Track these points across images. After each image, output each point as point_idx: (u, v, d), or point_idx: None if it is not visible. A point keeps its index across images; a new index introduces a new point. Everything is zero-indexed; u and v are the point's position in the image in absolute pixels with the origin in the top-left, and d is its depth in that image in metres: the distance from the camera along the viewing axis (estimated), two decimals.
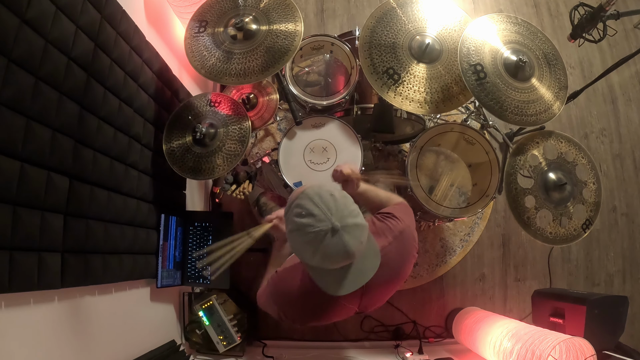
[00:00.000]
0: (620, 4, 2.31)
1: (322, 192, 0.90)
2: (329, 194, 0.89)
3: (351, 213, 0.89)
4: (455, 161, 1.81)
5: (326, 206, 0.87)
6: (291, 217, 0.91)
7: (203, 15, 1.53)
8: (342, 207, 0.88)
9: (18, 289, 0.85)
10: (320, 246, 0.86)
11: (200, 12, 1.54)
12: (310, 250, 0.88)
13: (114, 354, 1.24)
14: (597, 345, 1.42)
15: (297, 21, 1.45)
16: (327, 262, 0.89)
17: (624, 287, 2.32)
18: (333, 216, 0.86)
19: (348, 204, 0.90)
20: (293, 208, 0.91)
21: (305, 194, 0.90)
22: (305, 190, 0.92)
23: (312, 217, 0.86)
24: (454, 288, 2.25)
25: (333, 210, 0.87)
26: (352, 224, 0.87)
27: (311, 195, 0.89)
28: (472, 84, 1.38)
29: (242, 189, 1.65)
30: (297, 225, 0.88)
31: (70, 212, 1.02)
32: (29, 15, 0.86)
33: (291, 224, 0.91)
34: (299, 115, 1.59)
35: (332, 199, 0.88)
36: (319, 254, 0.88)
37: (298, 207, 0.90)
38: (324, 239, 0.86)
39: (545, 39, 1.52)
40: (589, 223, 1.59)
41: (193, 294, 1.81)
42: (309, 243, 0.87)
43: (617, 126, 2.47)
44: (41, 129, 0.92)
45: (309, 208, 0.87)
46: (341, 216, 0.86)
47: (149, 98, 1.46)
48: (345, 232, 0.86)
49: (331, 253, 0.87)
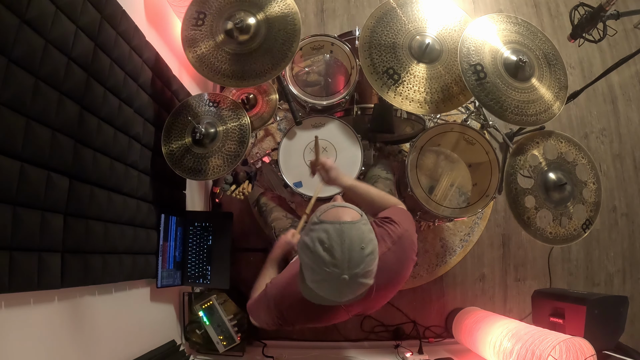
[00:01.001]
0: (620, 4, 2.30)
1: (355, 239, 0.87)
2: (360, 245, 0.87)
3: (366, 273, 0.88)
4: (455, 161, 1.81)
5: (349, 257, 0.85)
6: (314, 235, 0.89)
7: (200, 7, 1.50)
8: (363, 266, 0.87)
9: (18, 289, 0.85)
10: (320, 280, 0.89)
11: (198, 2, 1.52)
12: (311, 274, 0.91)
13: (114, 354, 1.24)
14: (597, 345, 1.42)
15: (296, 22, 1.45)
16: (318, 290, 0.93)
17: (624, 287, 2.32)
18: (348, 269, 0.85)
19: (370, 263, 0.89)
20: (321, 230, 0.88)
21: (341, 228, 0.87)
22: (343, 224, 0.88)
23: (332, 257, 0.85)
24: (454, 288, 2.25)
25: (353, 264, 0.85)
26: (360, 282, 0.88)
27: (344, 236, 0.86)
28: (472, 84, 1.38)
29: (242, 189, 1.65)
30: (314, 249, 0.88)
31: (70, 212, 1.02)
32: (29, 15, 0.86)
33: (310, 240, 0.90)
34: (299, 115, 1.59)
35: (360, 254, 0.86)
36: (315, 282, 0.91)
37: (325, 234, 0.87)
38: (328, 279, 0.87)
39: (545, 39, 1.52)
40: (589, 223, 1.59)
41: (193, 294, 1.81)
42: (314, 270, 0.89)
43: (617, 126, 2.47)
44: (41, 129, 0.92)
45: (334, 247, 0.85)
46: (355, 273, 0.86)
47: (149, 98, 1.46)
48: (347, 286, 0.87)
49: (326, 290, 0.91)
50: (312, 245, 0.88)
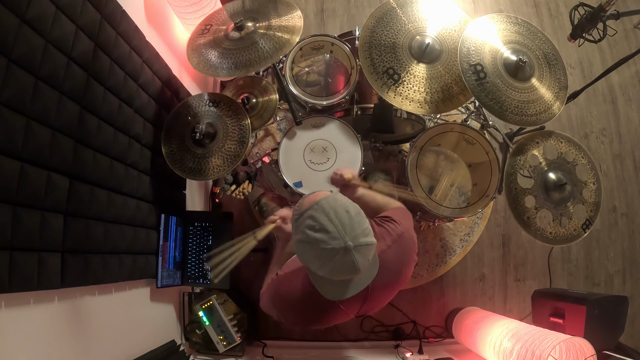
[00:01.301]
0: (620, 4, 2.30)
1: (338, 207, 0.87)
2: (344, 210, 0.87)
3: (364, 232, 0.88)
4: (455, 161, 1.81)
5: (341, 223, 0.85)
6: (302, 227, 0.89)
7: (209, 21, 1.54)
8: (357, 226, 0.87)
9: (18, 289, 0.85)
10: (330, 262, 0.87)
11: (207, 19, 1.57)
12: (319, 263, 0.89)
13: (114, 354, 1.24)
14: (597, 345, 1.42)
15: (297, 19, 1.46)
16: (334, 275, 0.90)
17: (624, 287, 2.32)
18: (347, 235, 0.85)
19: (362, 222, 0.89)
20: (305, 218, 0.89)
21: (320, 206, 0.88)
22: (320, 201, 0.89)
23: (326, 233, 0.85)
24: (454, 288, 2.25)
25: (348, 228, 0.85)
26: (364, 243, 0.87)
27: (326, 209, 0.87)
28: (472, 84, 1.38)
29: (242, 189, 1.65)
30: (308, 238, 0.87)
31: (70, 212, 1.02)
32: (29, 15, 0.86)
33: (301, 234, 0.89)
34: (299, 115, 1.59)
35: (348, 216, 0.87)
36: (327, 268, 0.89)
37: (311, 220, 0.87)
38: (335, 256, 0.86)
39: (545, 39, 1.52)
40: (589, 223, 1.59)
41: (193, 294, 1.81)
42: (319, 257, 0.88)
43: (617, 126, 2.47)
44: (41, 129, 0.92)
45: (323, 223, 0.86)
46: (355, 235, 0.85)
47: (149, 98, 1.46)
48: (356, 251, 0.86)
49: (340, 269, 0.88)
50: (305, 236, 0.88)
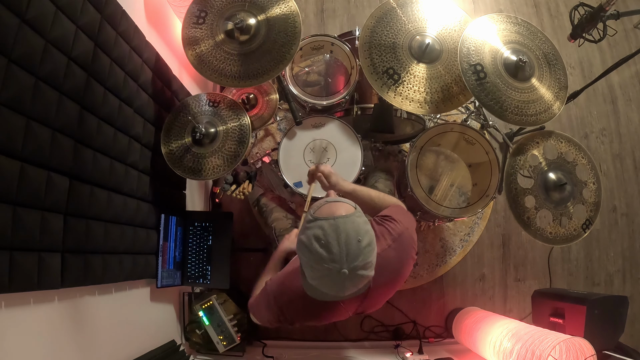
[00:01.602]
0: (620, 4, 2.30)
1: (351, 232, 0.87)
2: (356, 238, 0.87)
3: (365, 265, 0.88)
4: (455, 161, 1.81)
5: (347, 251, 0.85)
6: (310, 233, 0.89)
7: (202, 6, 1.51)
8: (361, 257, 0.87)
9: (18, 289, 0.85)
10: (319, 277, 0.90)
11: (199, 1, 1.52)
12: (311, 272, 0.91)
13: (114, 354, 1.24)
14: (597, 345, 1.42)
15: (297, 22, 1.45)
16: (320, 287, 0.93)
17: (624, 287, 2.32)
18: (347, 263, 0.85)
19: (368, 254, 0.89)
20: (316, 227, 0.88)
21: (336, 223, 0.87)
22: (337, 218, 0.88)
23: (329, 253, 0.85)
24: (454, 288, 2.25)
25: (351, 257, 0.85)
26: (360, 275, 0.88)
27: (339, 230, 0.86)
28: (472, 84, 1.38)
29: (242, 189, 1.65)
30: (311, 247, 0.88)
31: (70, 212, 1.02)
32: (29, 15, 0.86)
33: (307, 238, 0.90)
34: (299, 115, 1.59)
35: (357, 246, 0.86)
36: (315, 279, 0.91)
37: (321, 231, 0.87)
38: (327, 275, 0.87)
39: (545, 39, 1.52)
40: (589, 223, 1.59)
41: (193, 294, 1.81)
42: (313, 268, 0.90)
43: (617, 126, 2.47)
44: (41, 129, 0.92)
45: (331, 243, 0.86)
46: (355, 266, 0.86)
47: (149, 98, 1.46)
48: (349, 279, 0.86)
49: (327, 286, 0.91)
50: (309, 243, 0.88)
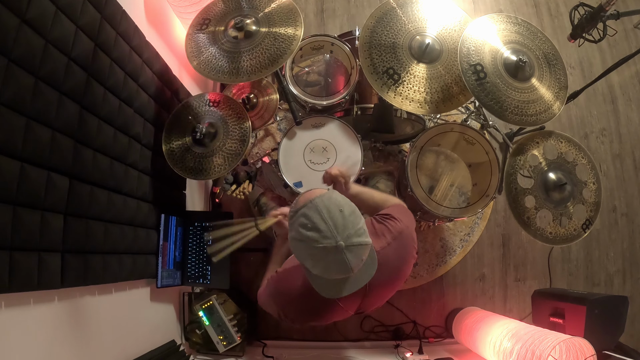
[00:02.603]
0: (620, 4, 2.30)
1: (331, 206, 0.87)
2: (338, 209, 0.87)
3: (357, 232, 0.87)
4: (455, 161, 1.81)
5: (333, 223, 0.85)
6: (296, 225, 0.90)
7: (206, 14, 1.53)
8: (350, 225, 0.87)
9: (18, 289, 0.85)
10: (321, 260, 0.88)
11: (205, 11, 1.55)
12: (311, 261, 0.90)
13: (114, 354, 1.24)
14: (597, 345, 1.42)
15: (298, 26, 1.45)
16: (327, 274, 0.91)
17: (624, 287, 2.32)
18: (339, 234, 0.85)
19: (356, 221, 0.89)
20: (299, 216, 0.89)
21: (314, 204, 0.88)
22: (314, 200, 0.89)
23: (318, 232, 0.85)
24: (454, 288, 2.25)
25: (340, 227, 0.85)
26: (357, 243, 0.87)
27: (320, 208, 0.87)
28: (472, 84, 1.38)
29: (242, 189, 1.65)
30: (301, 236, 0.88)
31: (70, 212, 1.02)
32: (29, 15, 0.86)
33: (295, 232, 0.90)
34: (299, 115, 1.59)
35: (341, 216, 0.87)
36: (319, 266, 0.89)
37: (304, 218, 0.88)
38: (327, 255, 0.86)
39: (545, 39, 1.52)
40: (589, 223, 1.59)
41: (193, 294, 1.81)
42: (311, 256, 0.89)
43: (617, 126, 2.47)
44: (41, 129, 0.92)
45: (316, 222, 0.86)
46: (347, 235, 0.85)
47: (149, 98, 1.46)
48: (348, 251, 0.86)
49: (332, 268, 0.89)
50: (298, 234, 0.89)
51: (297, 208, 0.92)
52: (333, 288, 0.96)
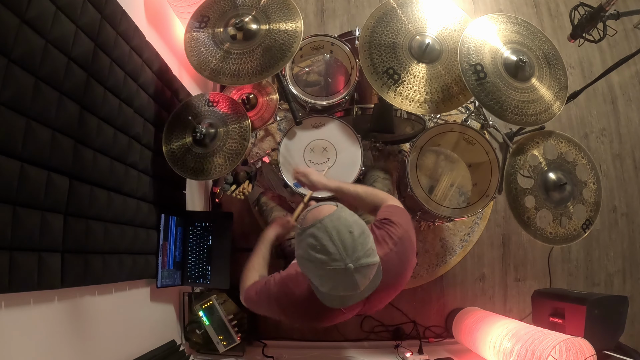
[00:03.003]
0: (620, 4, 2.30)
1: (341, 227, 0.87)
2: (347, 230, 0.87)
3: (366, 253, 0.87)
4: (455, 161, 1.81)
5: (343, 245, 0.85)
6: (304, 245, 0.89)
7: (205, 11, 1.52)
8: (359, 247, 0.86)
9: (18, 289, 0.85)
10: (330, 281, 0.88)
11: (203, 7, 1.54)
12: (320, 281, 0.91)
13: (114, 354, 1.24)
14: (597, 345, 1.42)
15: (297, 21, 1.45)
16: (334, 292, 0.92)
17: (624, 287, 2.32)
18: (348, 257, 0.85)
19: (365, 242, 0.89)
20: (307, 236, 0.89)
21: (323, 225, 0.87)
22: (323, 220, 0.88)
23: (328, 254, 0.85)
24: (454, 288, 2.25)
25: (350, 250, 0.85)
26: (365, 264, 0.87)
27: (329, 229, 0.86)
28: (472, 84, 1.38)
29: (242, 189, 1.65)
30: (310, 257, 0.88)
31: (70, 212, 1.02)
32: (29, 15, 0.86)
33: (303, 251, 0.90)
34: (299, 115, 1.59)
35: (351, 237, 0.86)
36: (327, 285, 0.90)
37: (313, 239, 0.87)
38: (336, 276, 0.86)
39: (545, 39, 1.52)
40: (589, 223, 1.59)
41: (193, 294, 1.81)
42: (320, 276, 0.89)
43: (617, 126, 2.47)
44: (41, 129, 0.92)
45: (325, 244, 0.85)
46: (357, 257, 0.85)
47: (149, 98, 1.46)
48: (357, 272, 0.86)
49: (339, 287, 0.89)
50: (306, 254, 0.88)
51: (305, 227, 0.90)
52: (338, 300, 0.98)
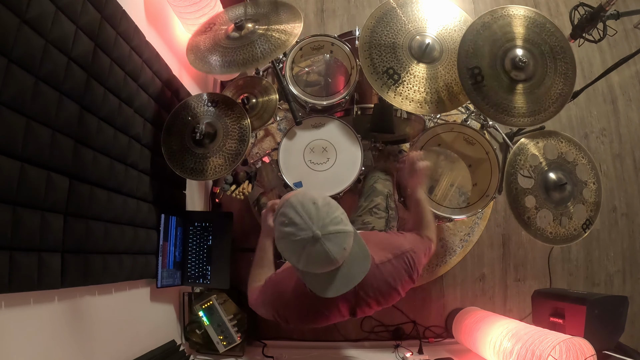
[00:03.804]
0: (620, 4, 2.30)
1: (305, 200, 0.91)
2: (311, 202, 0.90)
3: (333, 220, 0.89)
4: (455, 161, 1.81)
5: (307, 215, 0.88)
6: (277, 225, 0.93)
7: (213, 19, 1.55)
8: (324, 215, 0.89)
9: (18, 289, 0.85)
10: (303, 253, 0.89)
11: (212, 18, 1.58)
12: (295, 257, 0.91)
13: (114, 354, 1.24)
14: (597, 345, 1.42)
15: (297, 23, 1.46)
16: (311, 267, 0.92)
17: (624, 287, 2.32)
18: (314, 225, 0.87)
19: (331, 211, 0.91)
20: (279, 216, 0.93)
21: (289, 202, 0.92)
22: (289, 198, 0.93)
23: (294, 226, 0.88)
24: (454, 288, 2.25)
25: (314, 218, 0.88)
26: (334, 231, 0.88)
27: (294, 204, 0.90)
28: (468, 88, 1.38)
29: (242, 189, 1.65)
30: (281, 233, 0.91)
31: (70, 212, 1.02)
32: (29, 15, 0.86)
33: (277, 231, 0.93)
34: (299, 115, 1.59)
35: (314, 207, 0.89)
36: (302, 260, 0.91)
37: (282, 216, 0.91)
38: (306, 247, 0.88)
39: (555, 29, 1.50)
40: (589, 223, 1.59)
41: (193, 294, 1.81)
42: (293, 251, 0.91)
43: (617, 126, 2.47)
44: (41, 129, 0.92)
45: (291, 217, 0.89)
46: (322, 224, 0.88)
47: (149, 98, 1.46)
48: (326, 240, 0.87)
49: (314, 260, 0.90)
50: (279, 232, 0.92)
51: (277, 210, 0.95)
52: (325, 284, 0.95)
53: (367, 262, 0.98)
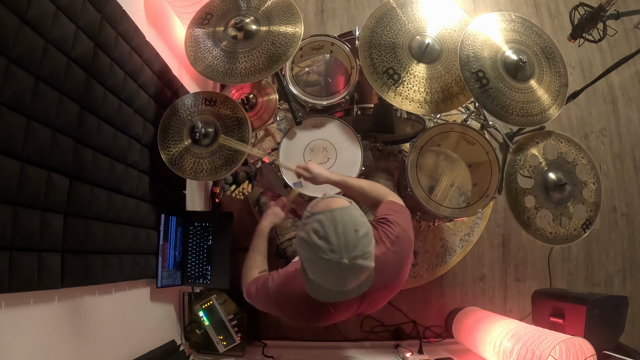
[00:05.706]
0: (620, 4, 2.30)
1: (348, 223, 0.88)
2: (353, 227, 0.88)
3: (364, 255, 0.88)
4: (455, 161, 1.81)
5: (345, 239, 0.86)
6: (308, 227, 0.90)
7: (210, 9, 1.53)
8: (360, 247, 0.87)
9: (18, 289, 0.85)
10: (320, 269, 0.89)
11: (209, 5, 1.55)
12: (312, 267, 0.92)
13: (114, 354, 1.24)
14: (597, 345, 1.42)
15: (297, 23, 1.45)
16: (320, 281, 0.93)
17: (624, 287, 2.32)
18: (346, 252, 0.85)
19: (367, 244, 0.89)
20: (314, 221, 0.90)
21: (332, 215, 0.89)
22: (333, 210, 0.90)
23: (328, 243, 0.86)
24: (454, 288, 2.25)
25: (350, 246, 0.86)
26: (360, 265, 0.87)
27: (336, 220, 0.88)
28: (475, 91, 1.38)
29: (242, 189, 1.65)
30: (310, 240, 0.89)
31: (70, 212, 1.02)
32: (29, 15, 0.86)
33: (305, 234, 0.91)
34: (299, 115, 1.59)
35: (355, 235, 0.87)
36: (317, 273, 0.91)
37: (319, 224, 0.88)
38: (328, 267, 0.87)
39: (542, 32, 1.52)
40: (589, 223, 1.59)
41: (193, 294, 1.81)
42: (314, 262, 0.90)
43: (617, 126, 2.47)
44: (41, 129, 0.92)
45: (329, 234, 0.86)
46: (354, 255, 0.86)
47: (149, 98, 1.46)
48: (349, 270, 0.87)
49: (328, 279, 0.90)
50: (308, 237, 0.89)
51: (314, 211, 0.92)
52: (322, 293, 0.98)
53: (366, 287, 0.98)
